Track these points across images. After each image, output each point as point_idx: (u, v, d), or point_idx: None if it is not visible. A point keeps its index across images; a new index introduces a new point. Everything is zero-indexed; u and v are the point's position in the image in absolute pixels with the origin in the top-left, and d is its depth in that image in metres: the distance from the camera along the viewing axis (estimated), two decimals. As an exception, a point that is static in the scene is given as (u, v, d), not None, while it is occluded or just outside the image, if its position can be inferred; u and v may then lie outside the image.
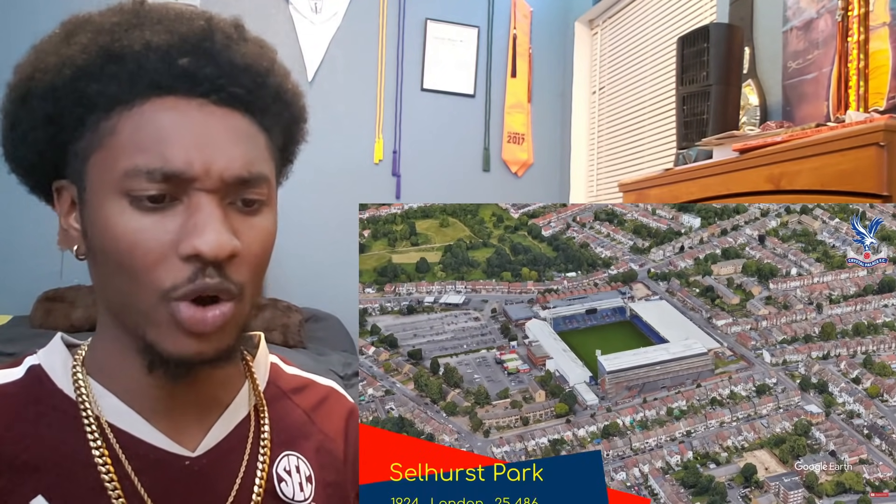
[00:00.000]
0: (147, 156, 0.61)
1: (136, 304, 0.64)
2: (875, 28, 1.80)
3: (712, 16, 2.85)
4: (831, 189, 1.34)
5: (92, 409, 0.68)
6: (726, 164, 1.67)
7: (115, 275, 0.64)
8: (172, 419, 0.71)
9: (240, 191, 0.65)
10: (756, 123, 2.29)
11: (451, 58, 4.02)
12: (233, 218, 0.65)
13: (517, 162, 4.13)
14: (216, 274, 0.63)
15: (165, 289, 0.62)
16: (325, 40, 3.83)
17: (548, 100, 4.19)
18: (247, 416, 0.77)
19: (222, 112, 0.65)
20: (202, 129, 0.63)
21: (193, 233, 0.61)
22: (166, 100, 0.63)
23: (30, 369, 0.71)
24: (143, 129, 0.62)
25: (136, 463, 0.67)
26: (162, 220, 0.62)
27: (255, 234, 0.66)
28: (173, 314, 0.63)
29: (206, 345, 0.65)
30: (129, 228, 0.61)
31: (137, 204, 0.62)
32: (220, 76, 0.65)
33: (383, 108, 3.89)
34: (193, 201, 0.62)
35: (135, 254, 0.61)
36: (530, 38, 4.15)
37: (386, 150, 3.90)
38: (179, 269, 0.62)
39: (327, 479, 0.80)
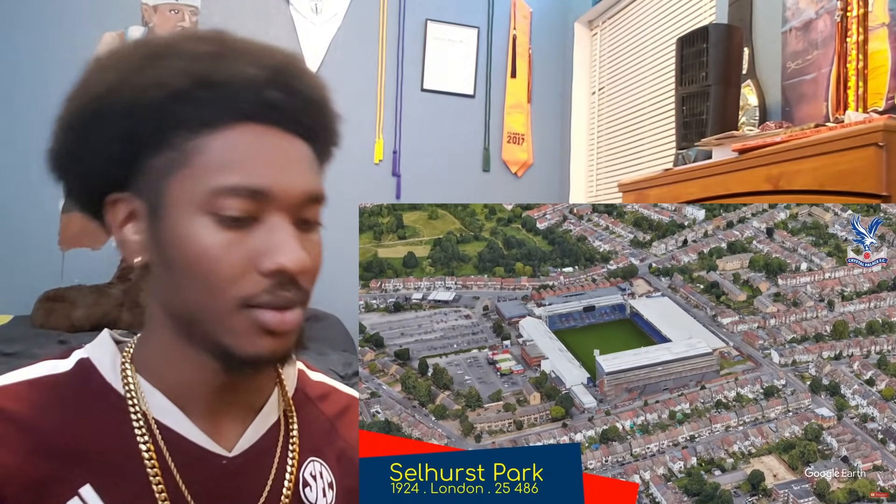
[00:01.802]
0: (234, 175, 0.66)
1: (212, 313, 0.67)
2: (874, 28, 1.78)
3: (711, 16, 2.84)
4: (830, 189, 1.33)
5: (139, 405, 0.71)
6: (726, 165, 1.66)
7: (191, 286, 0.67)
8: (213, 420, 0.74)
9: (304, 210, 0.70)
10: (755, 124, 2.28)
11: (451, 58, 4.01)
12: (300, 237, 0.69)
13: (517, 162, 4.10)
14: (291, 287, 0.68)
15: (245, 298, 0.66)
16: (326, 41, 3.82)
17: (548, 100, 4.18)
18: (277, 420, 0.80)
19: (291, 138, 0.71)
20: (281, 153, 0.69)
21: (277, 250, 0.66)
22: (250, 126, 0.68)
23: (79, 362, 0.74)
24: (230, 152, 0.67)
25: (178, 459, 0.70)
26: (243, 237, 0.67)
27: (314, 249, 0.71)
28: (254, 320, 0.67)
29: (280, 343, 0.69)
30: (214, 244, 0.66)
31: (220, 221, 0.66)
32: (296, 108, 0.71)
33: (383, 109, 3.89)
34: (272, 221, 0.67)
35: (218, 267, 0.66)
36: (530, 39, 4.14)
37: (386, 151, 3.90)
38: (258, 281, 0.66)
39: (347, 486, 0.82)
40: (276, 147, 0.69)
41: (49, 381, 0.72)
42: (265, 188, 0.67)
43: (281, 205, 0.68)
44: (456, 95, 4.00)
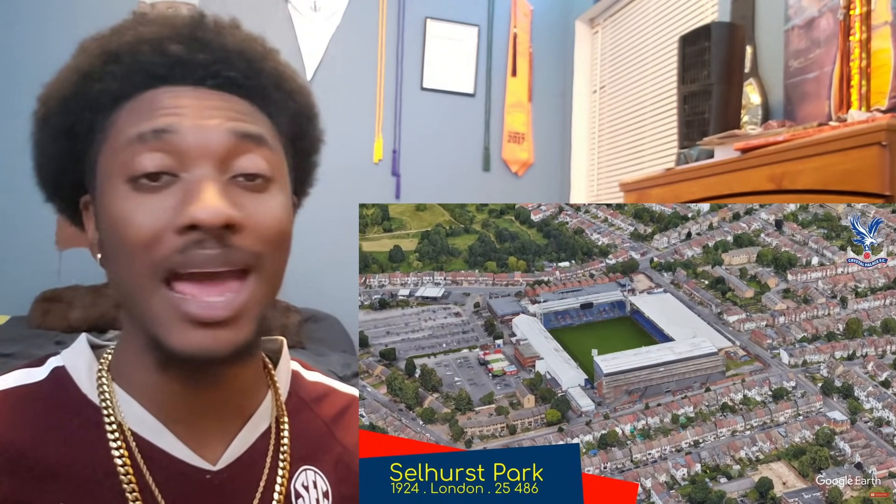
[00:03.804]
0: (142, 124, 0.62)
1: (136, 292, 0.62)
2: (877, 27, 1.77)
3: (714, 14, 2.82)
4: (833, 189, 1.33)
5: (115, 416, 0.67)
6: (728, 164, 1.65)
7: (117, 264, 0.63)
8: (194, 427, 0.69)
9: (235, 159, 0.64)
10: (758, 123, 2.26)
11: (451, 56, 3.93)
12: (236, 194, 0.63)
13: (517, 161, 4.08)
14: (217, 245, 0.61)
15: (159, 262, 0.60)
16: (325, 39, 3.79)
17: (548, 99, 4.10)
18: (268, 428, 0.75)
19: (220, 95, 0.66)
20: (193, 101, 0.64)
21: (189, 202, 0.60)
22: (162, 88, 0.64)
23: (53, 371, 0.69)
24: (136, 110, 0.63)
25: (157, 475, 0.66)
26: (159, 198, 0.61)
27: (264, 209, 0.65)
28: (175, 304, 0.61)
29: (219, 337, 0.62)
30: (127, 208, 0.61)
31: (136, 185, 0.61)
32: (214, 61, 0.66)
33: (383, 108, 3.83)
34: (191, 176, 0.62)
35: (129, 231, 0.61)
36: (531, 37, 4.05)
37: (386, 150, 3.84)
38: (172, 241, 0.60)
39: (345, 493, 0.79)
40: (190, 96, 0.64)
41: (20, 393, 0.67)
42: (170, 126, 0.62)
43: (198, 153, 0.62)
44: (456, 94, 3.99)
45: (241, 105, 0.67)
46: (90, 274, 3.25)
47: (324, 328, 3.48)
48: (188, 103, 0.64)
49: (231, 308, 0.61)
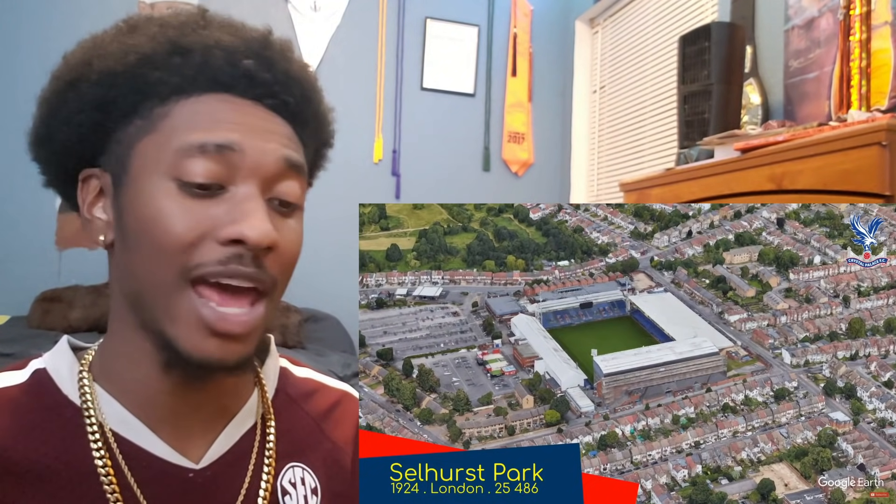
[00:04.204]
0: (200, 132, 0.63)
1: (157, 287, 0.63)
2: (877, 27, 1.77)
3: (714, 14, 2.81)
4: (833, 189, 1.33)
5: (96, 417, 0.67)
6: (728, 164, 1.66)
7: (142, 258, 0.63)
8: (178, 427, 0.69)
9: (279, 184, 0.66)
10: (758, 123, 2.27)
11: (450, 56, 3.92)
12: (272, 216, 0.65)
13: (517, 161, 4.07)
14: (252, 264, 0.62)
15: (194, 267, 0.61)
16: (325, 39, 3.78)
17: (548, 99, 4.10)
18: (253, 426, 0.76)
19: (273, 117, 0.68)
20: (254, 120, 0.66)
21: (240, 219, 0.61)
22: (223, 95, 0.65)
23: (35, 373, 0.70)
24: (198, 114, 0.64)
25: (138, 474, 0.66)
26: (205, 205, 0.62)
27: (290, 234, 0.67)
28: (197, 309, 0.62)
29: (230, 349, 0.64)
30: (173, 209, 0.62)
31: (185, 189, 0.62)
32: (275, 82, 0.68)
33: (383, 108, 3.82)
34: (240, 190, 0.63)
35: (172, 230, 0.61)
36: (531, 37, 4.04)
37: (385, 150, 3.84)
38: (213, 249, 0.61)
39: (334, 490, 0.79)
40: (250, 114, 0.66)
41: (1, 395, 0.68)
42: (233, 143, 0.63)
43: (251, 171, 0.64)
44: (456, 94, 3.98)
45: (288, 129, 0.69)
46: (90, 274, 3.23)
47: (324, 328, 3.47)
48: (249, 121, 0.65)
49: (247, 325, 0.63)
